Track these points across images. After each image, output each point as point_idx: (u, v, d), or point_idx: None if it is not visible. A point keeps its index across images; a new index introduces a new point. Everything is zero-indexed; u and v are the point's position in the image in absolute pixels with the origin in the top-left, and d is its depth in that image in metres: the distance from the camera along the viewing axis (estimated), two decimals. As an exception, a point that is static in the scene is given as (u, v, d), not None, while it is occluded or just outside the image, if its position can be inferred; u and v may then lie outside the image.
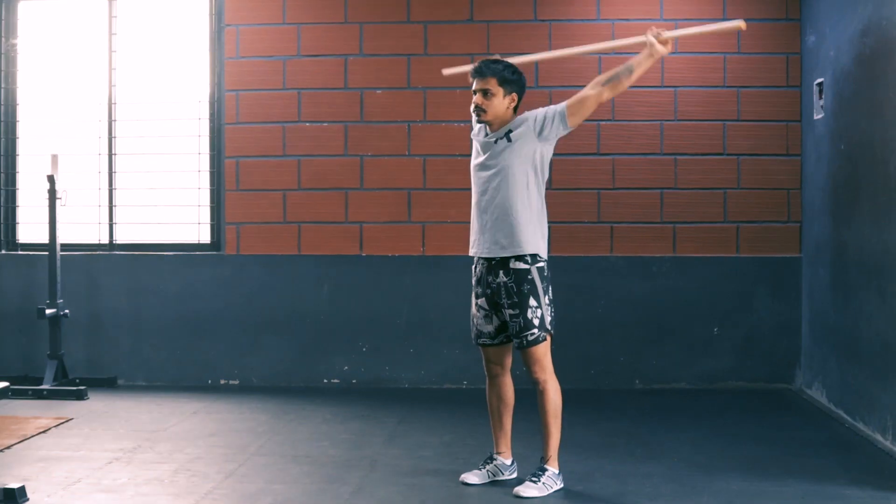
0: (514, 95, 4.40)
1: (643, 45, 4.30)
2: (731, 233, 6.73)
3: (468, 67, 4.52)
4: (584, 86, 4.37)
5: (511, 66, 4.40)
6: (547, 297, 4.37)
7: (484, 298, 4.45)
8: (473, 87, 4.39)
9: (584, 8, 6.73)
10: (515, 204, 4.32)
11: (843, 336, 5.81)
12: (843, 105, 5.84)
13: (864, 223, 5.46)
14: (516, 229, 4.33)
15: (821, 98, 6.25)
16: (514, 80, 4.38)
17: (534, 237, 4.35)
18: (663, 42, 4.25)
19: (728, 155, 6.73)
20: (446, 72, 4.85)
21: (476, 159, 4.47)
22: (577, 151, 6.64)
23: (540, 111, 4.37)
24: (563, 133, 4.35)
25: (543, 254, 4.39)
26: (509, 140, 4.34)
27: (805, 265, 6.63)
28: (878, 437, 5.19)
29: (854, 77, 5.64)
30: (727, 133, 6.72)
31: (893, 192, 5.01)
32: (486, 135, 4.42)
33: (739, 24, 4.36)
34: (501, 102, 4.36)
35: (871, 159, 5.33)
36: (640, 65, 4.26)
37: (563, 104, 4.33)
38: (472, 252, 4.49)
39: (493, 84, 4.34)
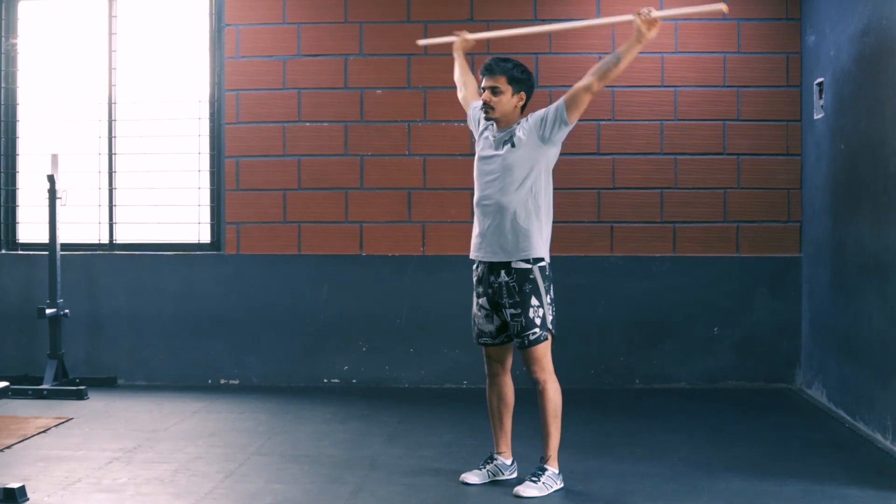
0: (523, 95, 4.40)
1: (629, 24, 4.21)
2: (731, 232, 6.72)
3: (445, 39, 4.75)
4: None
5: (521, 65, 4.41)
6: (549, 296, 4.37)
7: (485, 298, 4.44)
8: (482, 85, 4.40)
9: (584, 8, 6.72)
10: (518, 210, 4.32)
11: (843, 336, 5.81)
12: (843, 105, 5.84)
13: (863, 223, 5.46)
14: (519, 236, 4.32)
15: (821, 98, 6.24)
16: (523, 80, 4.39)
17: (536, 242, 4.34)
18: (650, 23, 4.15)
19: (728, 155, 6.72)
20: (421, 42, 5.08)
21: (479, 162, 4.46)
22: (577, 151, 6.64)
23: (539, 113, 4.36)
24: (565, 130, 4.34)
25: (546, 256, 4.40)
26: (513, 145, 4.34)
27: (805, 265, 6.63)
28: (878, 437, 5.19)
29: (854, 77, 5.64)
30: (727, 133, 6.72)
31: (893, 192, 5.01)
32: (493, 137, 4.42)
33: (721, 6, 4.27)
34: (510, 101, 4.37)
35: (871, 159, 5.33)
36: (628, 51, 4.19)
37: (560, 101, 4.32)
38: (473, 255, 4.48)
39: (502, 82, 4.35)
